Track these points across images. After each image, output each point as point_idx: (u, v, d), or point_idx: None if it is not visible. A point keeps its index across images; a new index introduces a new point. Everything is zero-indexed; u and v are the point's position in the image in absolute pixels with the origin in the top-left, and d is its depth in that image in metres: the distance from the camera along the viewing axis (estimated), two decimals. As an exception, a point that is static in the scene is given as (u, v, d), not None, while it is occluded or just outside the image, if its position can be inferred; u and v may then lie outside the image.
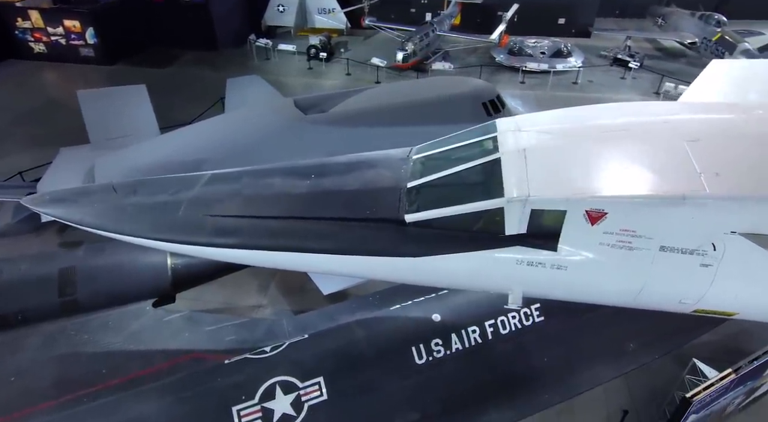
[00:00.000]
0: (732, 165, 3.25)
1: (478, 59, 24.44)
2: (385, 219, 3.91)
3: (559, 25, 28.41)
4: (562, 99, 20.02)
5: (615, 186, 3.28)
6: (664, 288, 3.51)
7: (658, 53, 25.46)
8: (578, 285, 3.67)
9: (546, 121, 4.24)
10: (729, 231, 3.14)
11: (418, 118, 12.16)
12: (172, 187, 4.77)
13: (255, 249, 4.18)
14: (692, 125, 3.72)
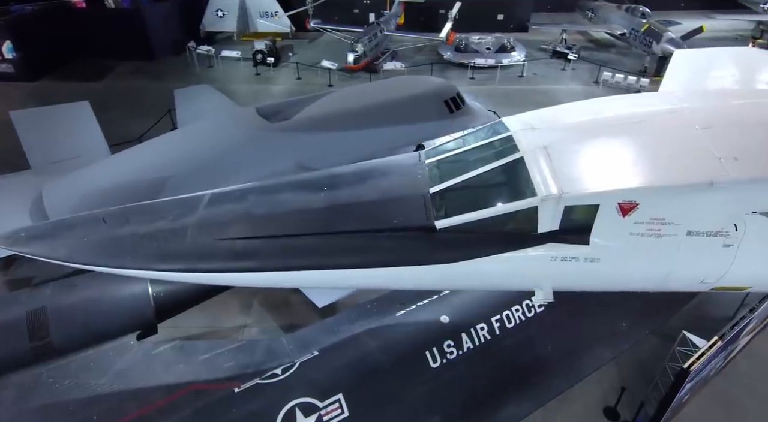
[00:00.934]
0: (746, 149, 3.47)
1: (426, 57, 24.79)
2: (414, 227, 3.82)
3: (499, 21, 29.45)
4: (511, 92, 20.74)
5: (644, 177, 3.40)
6: (690, 271, 3.69)
7: (591, 44, 27.06)
8: (610, 275, 3.77)
9: (555, 117, 4.32)
10: (750, 211, 3.35)
11: (385, 120, 12.14)
12: (170, 212, 4.42)
13: (279, 270, 3.96)
14: (699, 114, 3.93)
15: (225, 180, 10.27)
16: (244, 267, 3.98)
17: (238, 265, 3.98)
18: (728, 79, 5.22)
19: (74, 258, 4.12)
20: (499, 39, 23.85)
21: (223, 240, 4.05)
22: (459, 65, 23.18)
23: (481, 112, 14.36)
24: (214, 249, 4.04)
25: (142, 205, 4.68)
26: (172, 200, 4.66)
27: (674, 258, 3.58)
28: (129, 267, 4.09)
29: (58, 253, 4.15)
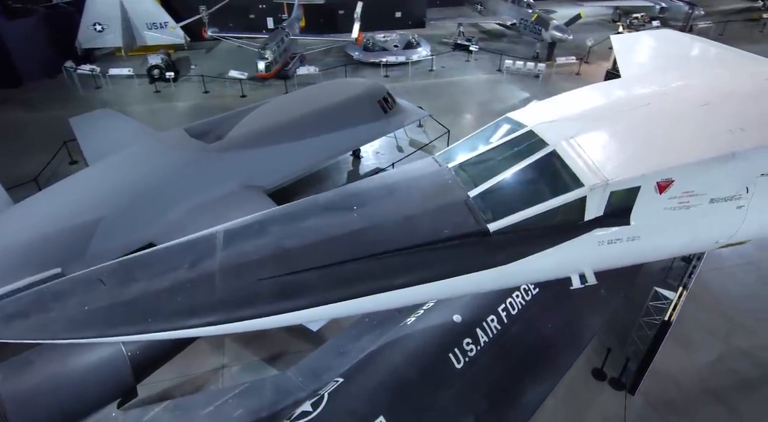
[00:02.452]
0: (747, 119, 3.92)
1: (335, 59, 24.59)
2: (467, 234, 3.74)
3: (397, 18, 30.14)
4: (426, 86, 21.39)
5: (676, 155, 3.68)
6: (710, 234, 4.09)
7: (485, 36, 28.84)
8: (646, 250, 4.04)
9: (561, 108, 4.48)
10: (759, 174, 3.79)
11: (324, 126, 11.85)
12: (180, 259, 3.87)
13: (336, 301, 3.65)
14: (692, 92, 4.35)
15: (167, 211, 9.34)
16: (297, 305, 3.61)
17: (290, 304, 3.61)
18: (676, 58, 5.88)
19: (80, 333, 3.44)
20: (404, 36, 24.44)
21: (264, 280, 3.64)
22: (369, 64, 23.35)
23: (412, 109, 14.62)
24: (256, 291, 3.62)
25: (137, 256, 4.03)
26: (173, 246, 4.07)
27: (699, 226, 3.94)
28: (154, 331, 3.52)
29: (55, 331, 3.44)
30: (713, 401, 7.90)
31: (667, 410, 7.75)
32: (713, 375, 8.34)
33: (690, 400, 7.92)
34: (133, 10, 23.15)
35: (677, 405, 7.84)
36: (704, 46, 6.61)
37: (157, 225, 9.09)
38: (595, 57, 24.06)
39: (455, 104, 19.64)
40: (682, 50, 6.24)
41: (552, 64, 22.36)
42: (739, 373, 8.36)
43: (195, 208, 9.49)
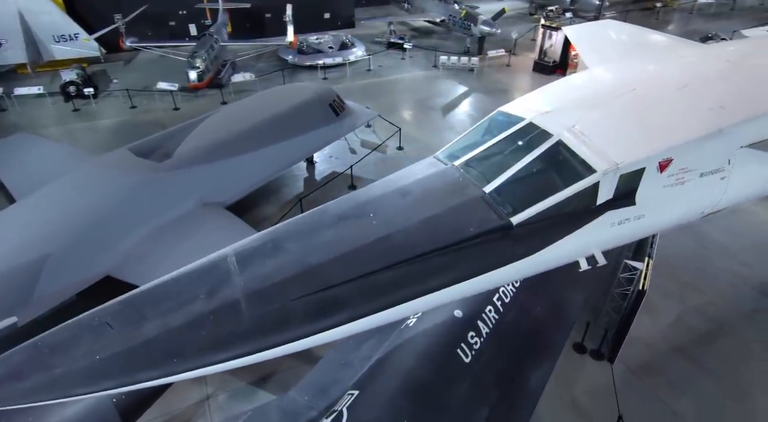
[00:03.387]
0: (723, 98, 4.28)
1: (268, 64, 23.86)
2: (492, 229, 3.77)
3: (326, 19, 29.83)
4: (366, 86, 21.38)
5: (672, 135, 3.94)
6: (699, 206, 4.43)
7: (415, 33, 29.35)
8: (648, 226, 4.29)
9: (551, 98, 4.64)
10: (739, 146, 4.16)
11: (279, 134, 11.50)
12: (193, 290, 3.57)
13: (376, 311, 3.53)
14: (669, 75, 4.67)
15: (123, 240, 8.58)
16: (334, 321, 3.47)
17: (328, 321, 3.45)
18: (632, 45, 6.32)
19: (98, 386, 3.07)
20: (337, 37, 24.25)
21: (296, 300, 3.44)
22: (306, 67, 22.93)
23: (361, 110, 14.56)
24: (289, 313, 3.42)
25: (140, 293, 3.67)
26: (178, 276, 3.75)
27: (691, 199, 4.26)
28: (183, 371, 3.22)
29: (68, 387, 3.04)
30: (680, 357, 8.63)
31: (643, 372, 8.35)
32: (676, 334, 9.10)
33: (661, 360, 8.59)
34: (36, 23, 20.92)
35: (651, 366, 8.46)
36: (646, 33, 7.19)
37: (114, 256, 8.30)
38: (520, 49, 25.33)
39: (398, 102, 19.84)
40: (631, 37, 6.75)
41: (484, 57, 23.25)
42: (696, 329, 9.20)
43: (153, 232, 8.80)
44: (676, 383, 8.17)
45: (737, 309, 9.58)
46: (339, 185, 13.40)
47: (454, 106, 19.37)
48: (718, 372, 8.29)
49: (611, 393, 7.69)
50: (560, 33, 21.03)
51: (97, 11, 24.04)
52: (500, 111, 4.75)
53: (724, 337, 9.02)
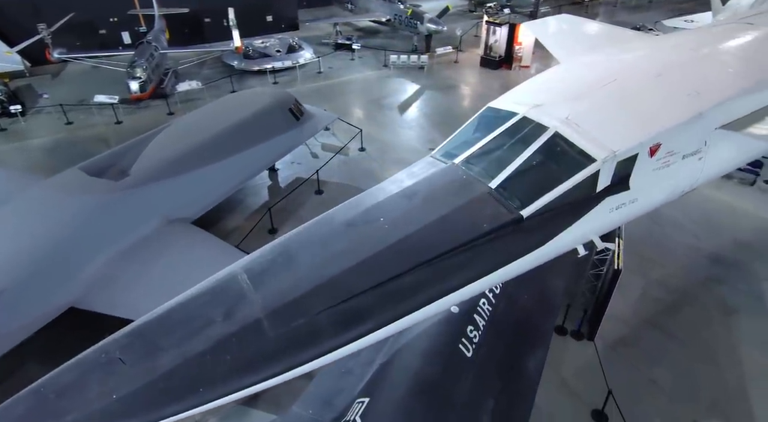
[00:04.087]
0: (696, 84, 4.56)
1: (214, 71, 23.00)
2: (506, 223, 3.81)
3: (269, 22, 29.16)
4: (320, 88, 21.11)
5: (659, 121, 4.15)
6: (680, 186, 4.70)
7: (360, 33, 29.35)
8: (639, 208, 4.50)
9: (538, 91, 4.76)
10: (714, 128, 4.46)
11: (241, 143, 11.15)
12: (206, 314, 3.38)
13: (402, 315, 3.48)
14: (643, 65, 4.91)
15: (85, 267, 7.96)
16: (362, 330, 3.39)
17: (355, 331, 3.38)
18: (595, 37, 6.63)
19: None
20: (284, 40, 23.76)
21: (320, 313, 3.32)
22: (254, 72, 22.30)
23: (321, 113, 14.38)
24: (316, 327, 3.31)
25: (147, 322, 3.43)
26: (186, 301, 3.54)
27: (675, 180, 4.53)
28: (211, 399, 3.05)
29: None
30: (650, 328, 9.18)
31: (620, 346, 8.81)
32: (644, 307, 9.67)
33: (634, 333, 9.11)
34: (-54, 36, 18.99)
35: (627, 340, 8.95)
36: (601, 26, 7.58)
37: (76, 286, 7.67)
38: (465, 45, 25.96)
39: (354, 103, 19.75)
40: (590, 30, 7.09)
41: (433, 55, 23.63)
42: (661, 300, 9.82)
43: (117, 255, 8.22)
44: (650, 353, 8.69)
45: (694, 279, 10.33)
46: (306, 191, 13.13)
47: (409, 104, 19.53)
48: (685, 339, 8.91)
49: (595, 369, 8.05)
50: (504, 28, 21.77)
51: (17, 22, 22.12)
52: (489, 107, 4.82)
53: (686, 306, 9.69)
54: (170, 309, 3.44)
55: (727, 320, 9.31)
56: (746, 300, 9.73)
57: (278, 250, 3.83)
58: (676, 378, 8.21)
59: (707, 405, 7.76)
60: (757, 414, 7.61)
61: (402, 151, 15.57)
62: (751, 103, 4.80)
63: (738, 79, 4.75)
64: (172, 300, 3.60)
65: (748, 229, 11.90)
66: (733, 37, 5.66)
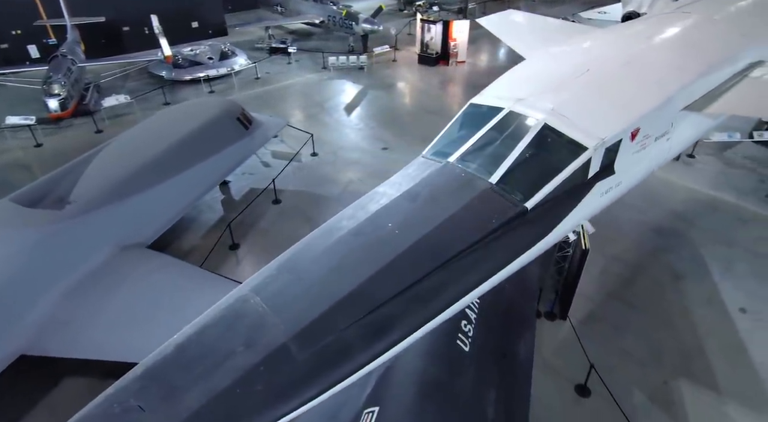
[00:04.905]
0: (660, 70, 4.86)
1: (140, 83, 21.55)
2: (513, 216, 3.86)
3: (195, 28, 27.79)
4: (260, 95, 20.45)
5: (637, 106, 4.38)
6: (653, 165, 5.02)
7: (293, 36, 28.78)
8: (622, 189, 4.75)
9: (518, 85, 4.88)
10: (679, 110, 4.79)
11: (191, 157, 10.59)
12: (225, 344, 3.14)
13: (428, 319, 3.44)
14: (609, 55, 5.16)
15: (33, 308, 7.16)
16: (392, 339, 3.31)
17: (385, 341, 3.29)
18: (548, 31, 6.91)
19: None
20: (214, 46, 22.73)
21: (347, 328, 3.18)
22: (186, 82, 21.15)
23: (269, 120, 13.96)
24: (345, 343, 3.19)
25: (160, 361, 3.17)
26: (199, 332, 3.30)
27: (650, 160, 4.82)
28: None
29: None
30: (614, 300, 9.79)
31: (590, 321, 9.31)
32: (606, 282, 10.30)
33: (601, 307, 9.67)
34: None
35: (595, 314, 9.48)
36: (550, 20, 7.94)
37: (24, 331, 6.84)
38: (401, 43, 26.27)
39: (297, 107, 19.32)
40: (541, 25, 7.40)
41: (371, 54, 23.68)
42: (620, 274, 10.51)
43: (68, 291, 7.45)
44: (617, 324, 9.26)
45: (644, 251, 11.15)
46: (263, 202, 12.65)
47: (355, 105, 19.43)
48: (644, 307, 9.59)
49: (572, 347, 8.45)
50: (438, 26, 22.26)
51: None
52: (472, 103, 4.87)
53: (641, 277, 10.43)
54: (181, 345, 3.14)
55: (677, 285, 10.13)
56: (690, 266, 10.65)
57: (286, 267, 3.63)
58: (643, 345, 8.82)
59: (673, 365, 8.41)
60: (715, 366, 8.36)
61: (355, 152, 15.45)
62: (705, 85, 5.24)
63: (693, 63, 5.17)
64: (179, 334, 3.29)
65: (680, 200, 13.03)
66: (678, 26, 6.16)
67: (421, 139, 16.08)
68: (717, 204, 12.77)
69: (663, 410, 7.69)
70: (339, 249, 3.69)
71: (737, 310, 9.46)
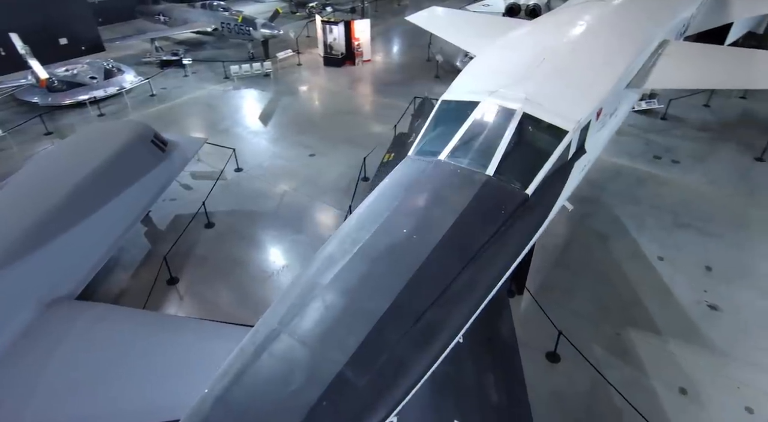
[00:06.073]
0: (604, 54, 5.29)
1: (9, 113, 18.60)
2: (518, 204, 3.99)
3: (64, 46, 24.64)
4: (160, 113, 18.79)
5: (599, 88, 4.73)
6: (606, 140, 5.48)
7: (184, 46, 26.80)
8: (589, 165, 5.12)
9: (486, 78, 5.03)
10: (624, 87, 5.29)
11: (108, 191, 9.51)
12: (277, 388, 2.90)
13: (471, 314, 3.47)
14: (556, 44, 5.50)
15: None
16: (442, 341, 3.26)
17: (437, 344, 3.23)
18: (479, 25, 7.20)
19: None
20: (95, 64, 20.38)
21: (399, 342, 3.08)
22: (67, 107, 18.71)
23: (185, 139, 12.99)
24: (401, 356, 3.11)
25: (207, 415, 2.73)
26: (244, 379, 3.00)
27: (606, 136, 5.27)
28: None
29: None
30: (558, 268, 10.63)
31: (544, 291, 10.01)
32: (548, 254, 11.14)
33: (549, 276, 10.43)
34: None
35: (546, 284, 10.21)
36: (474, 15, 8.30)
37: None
38: (301, 46, 25.78)
39: (207, 122, 18.08)
40: (471, 19, 7.71)
41: (275, 60, 22.90)
42: (557, 245, 11.43)
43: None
44: (565, 289, 10.07)
45: (573, 219, 12.23)
46: (194, 227, 11.67)
47: (268, 113, 18.68)
48: (584, 270, 10.54)
49: (534, 318, 9.02)
50: (340, 26, 22.20)
51: None
52: (444, 100, 4.93)
53: (574, 243, 11.44)
54: (223, 399, 2.79)
55: (605, 245, 11.28)
56: (610, 227, 11.92)
57: (310, 294, 3.39)
58: (591, 304, 9.69)
59: (619, 317, 9.36)
60: (652, 311, 9.46)
61: (282, 162, 14.89)
62: (638, 64, 5.85)
63: (627, 46, 5.75)
64: (210, 388, 2.92)
65: (590, 170, 14.50)
66: (601, 13, 6.80)
67: (345, 140, 15.98)
68: (618, 169, 14.41)
69: (621, 359, 8.53)
70: (359, 265, 3.52)
71: (656, 259, 10.79)
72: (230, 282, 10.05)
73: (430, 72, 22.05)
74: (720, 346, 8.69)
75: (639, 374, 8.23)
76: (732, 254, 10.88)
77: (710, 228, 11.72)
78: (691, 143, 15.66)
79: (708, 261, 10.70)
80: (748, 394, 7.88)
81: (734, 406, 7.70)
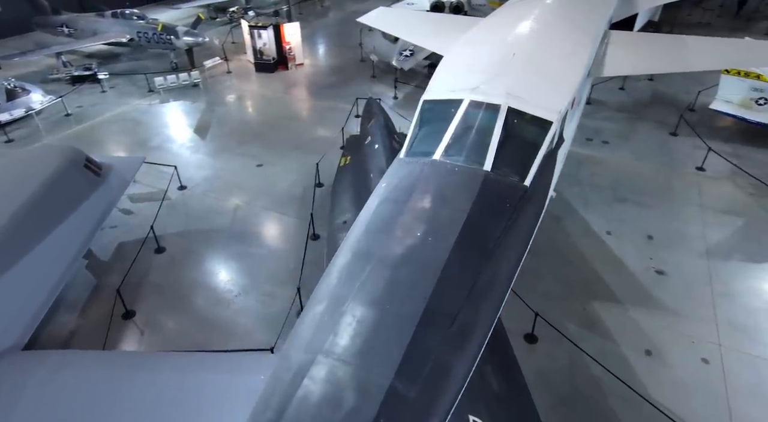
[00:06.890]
0: (567, 46, 5.53)
1: None
2: (519, 197, 4.07)
3: (-51, 67, 21.73)
4: (78, 134, 17.16)
5: (572, 78, 4.94)
6: (576, 125, 5.75)
7: (95, 59, 24.65)
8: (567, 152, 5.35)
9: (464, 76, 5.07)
10: (585, 76, 5.58)
11: (40, 225, 8.63)
12: (333, 411, 2.72)
13: (498, 308, 3.50)
14: (520, 38, 5.65)
15: None
16: (479, 338, 3.31)
17: (476, 342, 3.32)
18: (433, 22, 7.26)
19: None
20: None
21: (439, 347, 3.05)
22: (-35, 135, 16.55)
23: (120, 161, 12.01)
24: (444, 360, 3.13)
25: None
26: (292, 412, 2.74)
27: (575, 124, 5.54)
28: None
29: None
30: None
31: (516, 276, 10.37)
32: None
33: (513, 262, 10.81)
34: None
35: (512, 270, 10.58)
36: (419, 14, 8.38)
37: None
38: (228, 53, 24.72)
39: (137, 140, 16.75)
40: (421, 18, 7.77)
41: (203, 69, 21.74)
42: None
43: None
44: (533, 272, 10.53)
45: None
46: (144, 254, 10.78)
47: (204, 126, 17.70)
48: (546, 252, 11.08)
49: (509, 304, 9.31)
50: (270, 31, 21.54)
51: None
52: (426, 100, 4.92)
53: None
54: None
55: (560, 226, 11.92)
56: (561, 207, 12.62)
57: (337, 310, 3.23)
58: (557, 284, 10.21)
59: (583, 293, 9.94)
60: (610, 283, 10.15)
61: (228, 175, 14.18)
62: (593, 54, 6.20)
63: (582, 37, 6.07)
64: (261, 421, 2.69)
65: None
66: (552, 8, 7.12)
67: (292, 147, 15.57)
68: (558, 153, 15.28)
69: (592, 331, 9.07)
70: (381, 273, 3.42)
71: (605, 234, 11.58)
72: (192, 308, 9.41)
73: (365, 72, 22.06)
74: (671, 307, 9.51)
75: (609, 342, 8.79)
76: (666, 222, 11.94)
77: (644, 200, 12.78)
78: (614, 124, 16.97)
79: (648, 230, 11.65)
80: (701, 347, 8.69)
81: (692, 359, 8.46)
